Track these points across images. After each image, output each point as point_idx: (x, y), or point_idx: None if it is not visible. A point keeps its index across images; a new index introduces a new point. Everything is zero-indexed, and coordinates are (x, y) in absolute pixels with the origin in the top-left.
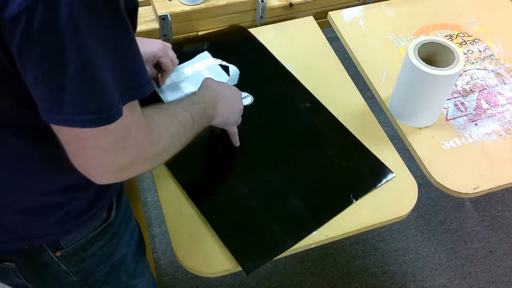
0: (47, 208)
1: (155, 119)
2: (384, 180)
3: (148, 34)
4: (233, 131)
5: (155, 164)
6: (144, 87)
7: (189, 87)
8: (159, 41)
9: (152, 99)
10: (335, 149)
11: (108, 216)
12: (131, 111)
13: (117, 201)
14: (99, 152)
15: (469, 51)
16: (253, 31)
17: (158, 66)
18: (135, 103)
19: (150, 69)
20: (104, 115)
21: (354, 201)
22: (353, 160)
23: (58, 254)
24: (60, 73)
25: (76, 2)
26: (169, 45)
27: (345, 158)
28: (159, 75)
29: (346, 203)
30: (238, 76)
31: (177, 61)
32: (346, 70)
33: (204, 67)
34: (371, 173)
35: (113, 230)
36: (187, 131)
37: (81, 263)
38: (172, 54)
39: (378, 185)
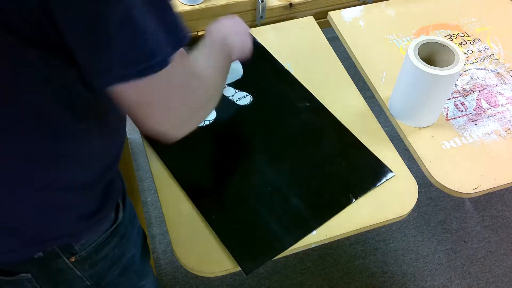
0: (58, 208)
1: (196, 64)
2: (384, 179)
3: None
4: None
5: (209, 109)
6: (184, 33)
7: None
8: None
9: None
10: (334, 148)
11: (116, 217)
12: (183, 58)
13: (123, 202)
14: (167, 106)
15: (469, 51)
16: (253, 31)
17: None
18: (183, 52)
19: None
20: (156, 59)
21: (354, 200)
22: (352, 159)
23: (73, 259)
24: (106, 32)
25: None
26: None
27: (345, 157)
28: None
29: (346, 203)
30: (241, 72)
31: None
32: (346, 70)
33: None
34: (371, 172)
35: (122, 230)
36: (223, 72)
37: (94, 267)
38: None
39: (377, 184)
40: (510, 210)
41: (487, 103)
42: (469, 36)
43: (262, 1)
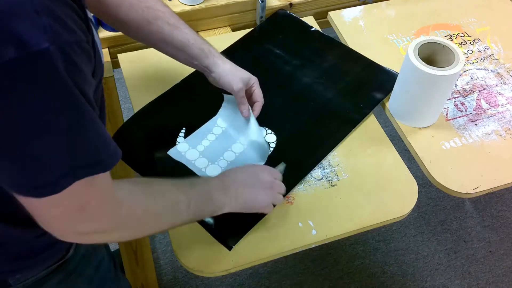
0: None
1: (130, 194)
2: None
3: None
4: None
5: (123, 237)
6: (104, 162)
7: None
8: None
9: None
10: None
11: (65, 254)
12: (91, 185)
13: None
14: (55, 220)
15: (469, 51)
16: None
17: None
18: (99, 177)
19: (244, 88)
20: (41, 189)
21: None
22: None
23: None
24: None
25: (7, 87)
26: None
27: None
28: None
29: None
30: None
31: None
32: None
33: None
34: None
35: (70, 267)
36: (177, 212)
37: None
38: (260, 89)
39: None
40: (510, 210)
41: (487, 103)
42: (469, 36)
43: (262, 1)
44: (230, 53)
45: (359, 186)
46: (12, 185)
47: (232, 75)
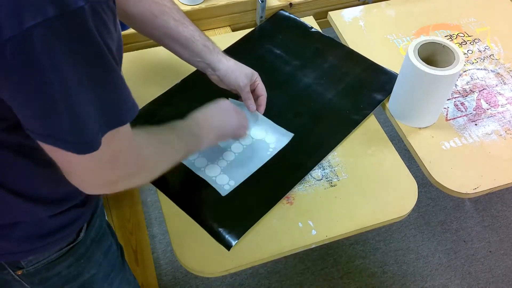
0: (9, 229)
1: (143, 137)
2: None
3: None
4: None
5: (144, 179)
6: (125, 115)
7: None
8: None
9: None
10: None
11: (75, 237)
12: (119, 133)
13: (88, 223)
14: (88, 173)
15: (469, 51)
16: None
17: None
18: (125, 131)
19: (249, 83)
20: (87, 145)
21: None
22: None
23: (19, 272)
24: (39, 101)
25: (52, 42)
26: None
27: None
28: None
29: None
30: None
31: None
32: None
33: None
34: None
35: (80, 250)
36: (176, 149)
37: (45, 282)
38: (262, 84)
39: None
40: (510, 210)
41: (487, 103)
42: (469, 36)
43: (262, 1)
44: (230, 53)
45: (359, 186)
46: (52, 140)
47: (237, 71)
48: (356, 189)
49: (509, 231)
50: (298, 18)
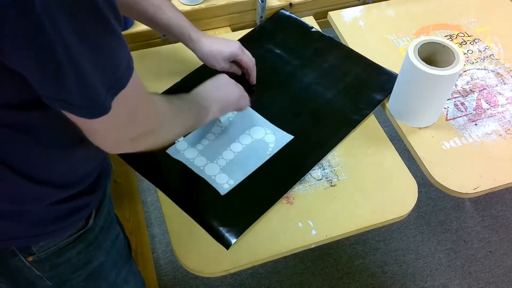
0: (20, 213)
1: (157, 96)
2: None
3: (148, 34)
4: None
5: (163, 137)
6: (132, 66)
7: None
8: (237, 42)
9: None
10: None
11: (85, 224)
12: (131, 93)
13: (97, 210)
14: (109, 133)
15: (469, 51)
16: None
17: (239, 65)
18: (136, 81)
19: (229, 65)
20: (94, 110)
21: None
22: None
23: (30, 259)
24: (46, 62)
25: (53, 3)
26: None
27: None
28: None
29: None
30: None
31: (253, 59)
32: None
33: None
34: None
35: (90, 237)
36: (187, 112)
37: (55, 269)
38: (248, 53)
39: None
40: (510, 210)
41: (487, 103)
42: (469, 36)
43: (262, 1)
44: None
45: (359, 186)
46: (66, 105)
47: (212, 58)
48: (356, 189)
49: (509, 231)
50: (298, 18)
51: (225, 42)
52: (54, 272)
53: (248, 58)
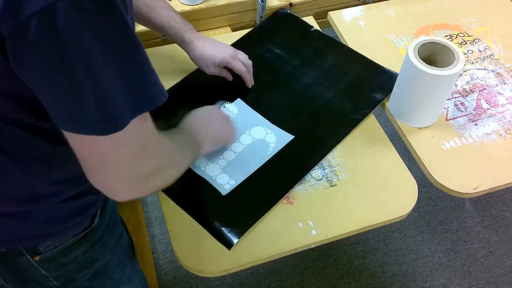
0: (27, 213)
1: (162, 133)
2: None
3: (148, 34)
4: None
5: (171, 175)
6: (155, 98)
7: None
8: (230, 47)
9: None
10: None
11: (90, 223)
12: (145, 122)
13: (102, 209)
14: (122, 163)
15: (469, 51)
16: None
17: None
18: (147, 115)
19: (219, 70)
20: (112, 123)
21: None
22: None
23: (37, 258)
24: (62, 78)
25: (76, 16)
26: (239, 51)
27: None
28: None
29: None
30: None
31: (249, 62)
32: None
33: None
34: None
35: (96, 236)
36: (186, 152)
37: (62, 268)
38: (243, 58)
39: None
40: (510, 210)
41: (487, 103)
42: (469, 36)
43: (262, 1)
44: None
45: (359, 186)
46: (75, 125)
47: (202, 61)
48: (356, 189)
49: (509, 231)
50: (298, 16)
51: (218, 47)
52: (60, 271)
53: (239, 66)
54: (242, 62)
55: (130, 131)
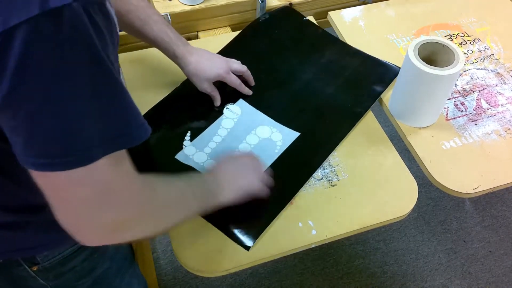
0: (25, 223)
1: (149, 181)
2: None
3: None
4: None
5: (146, 230)
6: (133, 134)
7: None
8: (223, 59)
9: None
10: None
11: None
12: (117, 164)
13: None
14: (79, 204)
15: (469, 51)
16: None
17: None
18: (123, 157)
19: (211, 89)
20: (71, 158)
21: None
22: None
23: (35, 268)
24: (24, 117)
25: (36, 44)
26: (232, 60)
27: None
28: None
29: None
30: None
31: (244, 67)
32: None
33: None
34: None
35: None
36: (187, 203)
37: (60, 278)
38: (236, 66)
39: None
40: (510, 210)
41: (487, 103)
42: (469, 36)
43: (262, 1)
44: (230, 52)
45: (359, 186)
46: (34, 159)
47: (195, 77)
48: (356, 189)
49: (509, 231)
50: (295, 10)
51: (211, 62)
52: (58, 280)
53: (234, 79)
54: (237, 70)
55: (96, 169)
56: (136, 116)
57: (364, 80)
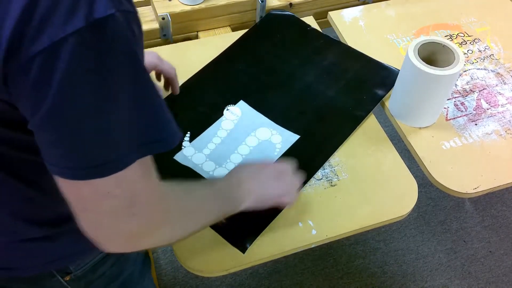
0: (56, 235)
1: (171, 188)
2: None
3: (148, 34)
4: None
5: (169, 236)
6: (168, 140)
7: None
8: (155, 52)
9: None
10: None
11: None
12: (145, 173)
13: None
14: (102, 215)
15: (469, 51)
16: None
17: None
18: (150, 168)
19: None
20: (109, 165)
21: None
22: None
23: (67, 278)
24: (66, 130)
25: (80, 57)
26: (165, 61)
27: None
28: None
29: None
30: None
31: (173, 69)
32: None
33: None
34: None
35: None
36: (209, 208)
37: (90, 285)
38: (166, 61)
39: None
40: (510, 210)
41: (487, 103)
42: (469, 36)
43: (262, 1)
44: (228, 53)
45: (359, 186)
46: (73, 171)
47: None
48: (356, 189)
49: (509, 231)
50: (292, 14)
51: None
52: None
53: (168, 67)
54: (166, 70)
55: (124, 177)
56: (169, 122)
57: (366, 83)
